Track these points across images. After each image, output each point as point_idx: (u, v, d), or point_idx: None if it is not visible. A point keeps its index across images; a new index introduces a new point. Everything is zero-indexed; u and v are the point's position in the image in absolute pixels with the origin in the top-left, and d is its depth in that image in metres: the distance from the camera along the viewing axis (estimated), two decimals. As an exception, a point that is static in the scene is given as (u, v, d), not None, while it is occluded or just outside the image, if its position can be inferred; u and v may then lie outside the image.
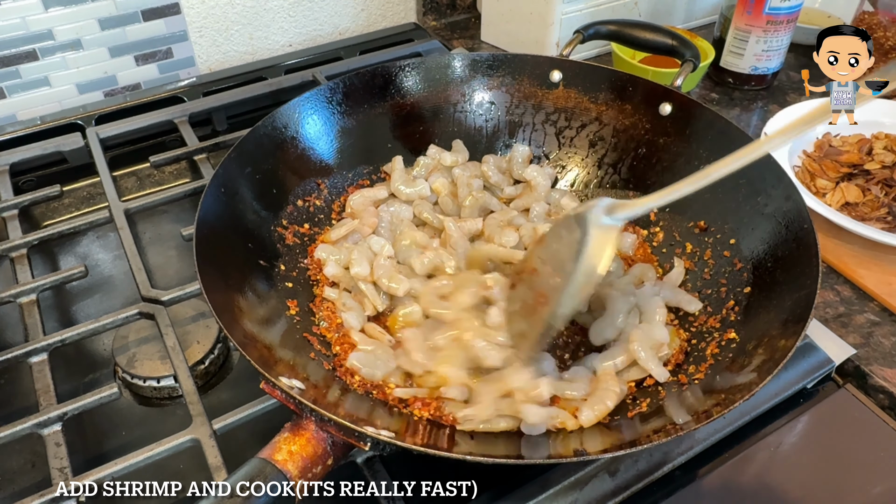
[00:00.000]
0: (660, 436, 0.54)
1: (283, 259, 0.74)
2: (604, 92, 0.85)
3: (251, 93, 1.06)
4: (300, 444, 0.52)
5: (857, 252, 0.84)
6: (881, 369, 0.72)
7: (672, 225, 0.80)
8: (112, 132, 0.98)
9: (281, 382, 0.53)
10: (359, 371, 0.63)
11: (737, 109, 1.10)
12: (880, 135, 0.96)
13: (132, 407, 0.71)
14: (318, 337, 0.68)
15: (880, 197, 0.88)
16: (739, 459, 0.65)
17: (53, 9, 1.00)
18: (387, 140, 0.86)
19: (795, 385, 0.70)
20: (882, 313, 0.78)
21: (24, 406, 0.69)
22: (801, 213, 0.67)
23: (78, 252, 0.88)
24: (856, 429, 0.69)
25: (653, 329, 0.67)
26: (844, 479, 0.65)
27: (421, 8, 1.31)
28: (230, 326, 0.57)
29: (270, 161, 0.77)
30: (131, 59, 1.09)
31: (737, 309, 0.68)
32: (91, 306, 0.82)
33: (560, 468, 0.61)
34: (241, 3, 1.14)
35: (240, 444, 0.62)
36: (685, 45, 0.86)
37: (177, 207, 0.91)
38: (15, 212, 0.86)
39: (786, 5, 1.03)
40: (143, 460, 0.59)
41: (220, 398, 0.71)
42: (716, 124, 0.77)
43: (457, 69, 0.88)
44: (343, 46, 1.22)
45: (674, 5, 1.24)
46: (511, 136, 0.89)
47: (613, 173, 0.85)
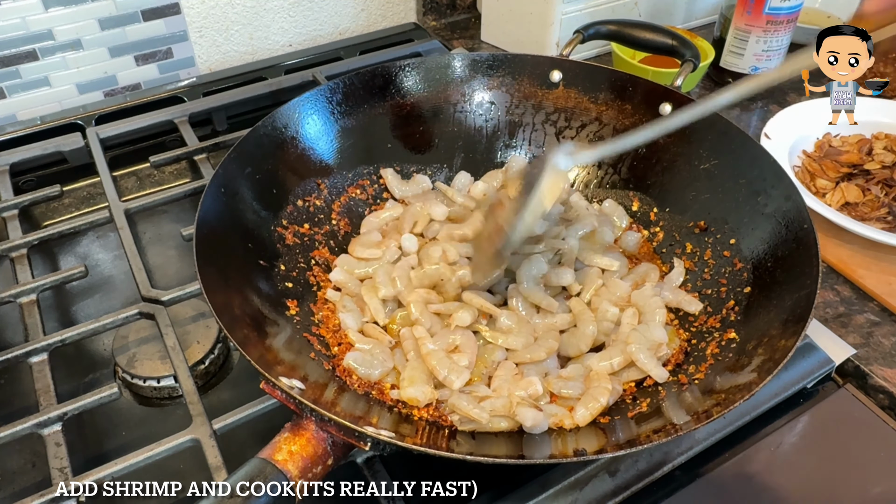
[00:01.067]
0: (660, 436, 0.54)
1: (283, 259, 0.74)
2: (604, 92, 0.85)
3: (251, 93, 1.07)
4: (300, 444, 0.52)
5: (857, 252, 0.84)
6: (881, 369, 0.72)
7: (672, 225, 0.80)
8: (112, 132, 0.98)
9: (281, 382, 0.53)
10: (356, 371, 0.64)
11: (737, 109, 1.10)
12: (880, 135, 0.96)
13: (132, 407, 0.71)
14: (317, 337, 0.68)
15: (880, 197, 0.88)
16: (739, 459, 0.65)
17: (53, 9, 1.00)
18: (387, 140, 0.86)
19: (795, 385, 0.70)
20: (882, 313, 0.78)
21: (24, 406, 0.69)
22: (801, 213, 0.67)
23: (78, 252, 0.88)
24: (856, 429, 0.69)
25: (651, 330, 0.67)
26: (844, 479, 0.65)
27: (421, 8, 1.31)
28: (230, 326, 0.57)
29: (270, 161, 0.77)
30: (131, 59, 1.09)
31: (737, 309, 0.68)
32: (91, 306, 0.82)
33: (560, 468, 0.61)
34: (241, 3, 1.14)
35: (240, 444, 0.62)
36: (685, 45, 0.86)
37: (177, 207, 0.91)
38: (15, 212, 0.86)
39: (786, 5, 1.03)
40: (143, 460, 0.59)
41: (220, 398, 0.71)
42: (716, 124, 0.77)
43: (457, 69, 0.88)
44: (343, 46, 1.22)
45: (674, 5, 1.24)
46: (511, 136, 0.89)
47: (613, 173, 0.85)
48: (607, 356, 0.66)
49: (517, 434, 0.59)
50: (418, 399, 0.61)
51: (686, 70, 0.83)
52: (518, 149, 0.89)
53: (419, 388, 0.61)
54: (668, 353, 0.67)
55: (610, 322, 0.69)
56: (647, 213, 0.82)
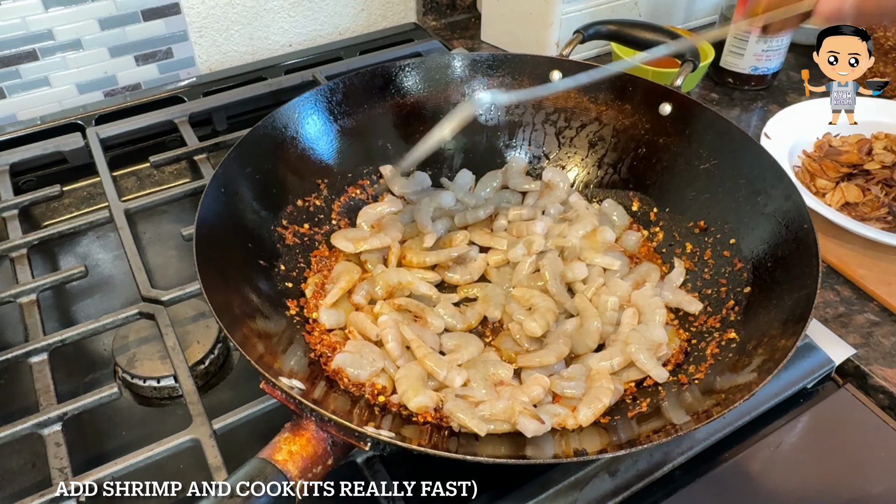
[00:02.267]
0: (660, 436, 0.54)
1: (283, 259, 0.74)
2: (604, 92, 0.85)
3: (251, 93, 1.06)
4: (300, 445, 0.52)
5: (857, 252, 0.84)
6: (881, 369, 0.72)
7: (672, 225, 0.80)
8: (112, 132, 0.98)
9: (281, 382, 0.53)
10: (344, 371, 0.63)
11: (737, 109, 1.10)
12: (880, 135, 0.96)
13: (132, 407, 0.71)
14: (308, 333, 0.68)
15: (880, 197, 0.88)
16: (739, 459, 0.65)
17: (53, 9, 1.00)
18: (387, 140, 0.86)
19: (795, 385, 0.70)
20: (882, 313, 0.78)
21: (24, 406, 0.69)
22: (801, 213, 0.67)
23: (78, 252, 0.88)
24: (856, 429, 0.69)
25: (650, 330, 0.67)
26: (844, 479, 0.65)
27: (421, 8, 1.31)
28: (230, 326, 0.57)
29: (270, 161, 0.77)
30: (131, 59, 1.09)
31: (737, 309, 0.68)
32: (91, 306, 0.82)
33: (560, 468, 0.61)
34: (241, 3, 1.14)
35: (240, 444, 0.62)
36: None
37: (177, 207, 0.91)
38: (15, 212, 0.86)
39: (786, 5, 1.03)
40: (143, 460, 0.59)
41: (220, 398, 0.71)
42: (716, 124, 0.77)
43: (457, 69, 0.88)
44: (343, 46, 1.22)
45: (674, 5, 1.24)
46: (511, 136, 0.89)
47: (613, 173, 0.85)
48: (608, 356, 0.66)
49: (518, 434, 0.59)
50: (427, 405, 0.60)
51: (686, 70, 0.83)
52: (518, 149, 0.89)
53: (425, 396, 0.61)
54: (668, 354, 0.67)
55: (613, 312, 0.69)
56: (647, 213, 0.82)
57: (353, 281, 0.72)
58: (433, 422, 0.60)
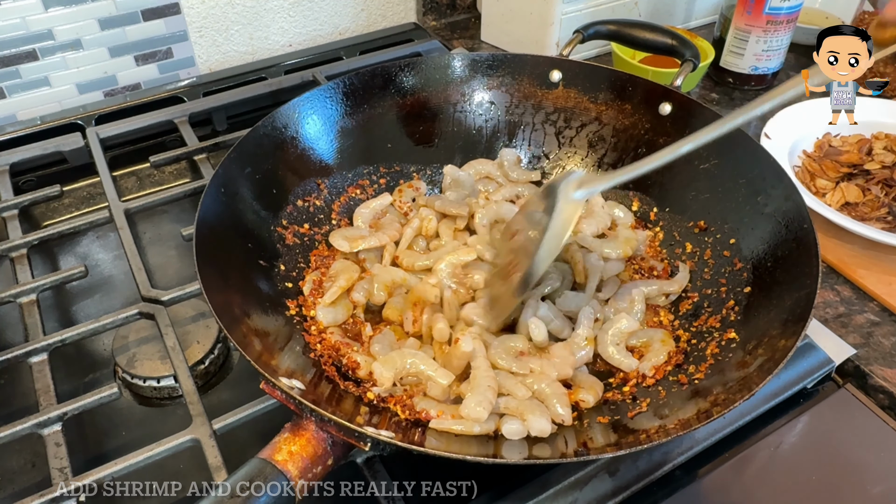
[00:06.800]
0: (660, 436, 0.54)
1: (283, 259, 0.74)
2: (604, 92, 0.85)
3: (251, 93, 1.07)
4: (300, 445, 0.52)
5: (857, 252, 0.84)
6: (881, 369, 0.72)
7: (672, 225, 0.80)
8: (112, 132, 0.98)
9: (281, 382, 0.53)
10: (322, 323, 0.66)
11: (737, 110, 1.10)
12: (880, 135, 0.96)
13: (132, 407, 0.71)
14: (307, 332, 0.68)
15: (880, 197, 0.88)
16: (739, 459, 0.65)
17: (53, 9, 1.00)
18: (387, 140, 0.86)
19: (795, 385, 0.70)
20: (882, 313, 0.78)
21: (24, 406, 0.69)
22: (801, 213, 0.67)
23: (78, 252, 0.88)
24: (856, 429, 0.69)
25: (621, 320, 0.68)
26: (844, 479, 0.65)
27: (421, 8, 1.31)
28: (230, 326, 0.57)
29: (270, 161, 0.77)
30: (131, 59, 1.09)
31: (737, 309, 0.68)
32: (91, 306, 0.82)
33: (560, 468, 0.61)
34: (241, 3, 1.14)
35: (240, 444, 0.62)
36: (685, 45, 0.86)
37: (177, 207, 0.91)
38: (15, 212, 0.86)
39: (786, 5, 1.03)
40: (143, 460, 0.59)
41: (220, 398, 0.71)
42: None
43: (457, 69, 0.88)
44: (343, 46, 1.22)
45: (674, 5, 1.24)
46: (511, 136, 0.89)
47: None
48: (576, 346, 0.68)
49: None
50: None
51: (686, 70, 0.83)
52: (518, 148, 0.89)
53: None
54: (637, 342, 0.69)
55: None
56: (647, 213, 0.82)
57: (352, 279, 0.72)
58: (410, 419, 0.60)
